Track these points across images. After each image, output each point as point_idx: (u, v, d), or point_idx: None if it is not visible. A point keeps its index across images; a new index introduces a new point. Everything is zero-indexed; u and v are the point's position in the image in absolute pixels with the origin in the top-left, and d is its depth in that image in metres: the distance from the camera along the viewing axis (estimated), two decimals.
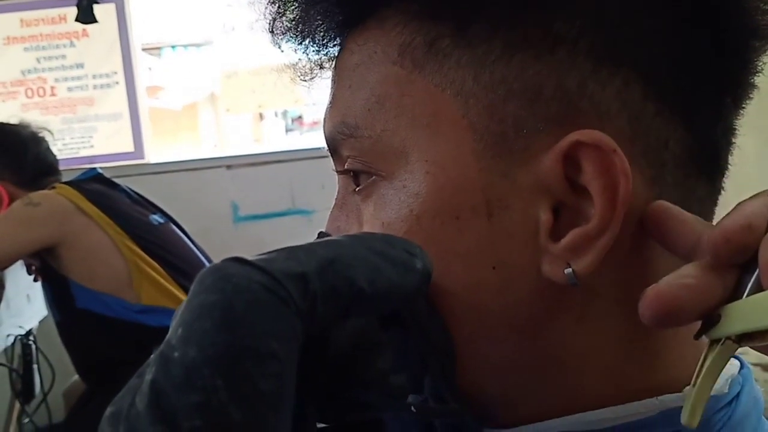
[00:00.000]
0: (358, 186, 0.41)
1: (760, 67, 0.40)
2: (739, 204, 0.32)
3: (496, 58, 0.37)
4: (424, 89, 0.38)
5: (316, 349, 0.32)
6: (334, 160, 0.44)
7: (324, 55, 0.46)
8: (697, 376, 0.31)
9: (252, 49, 3.05)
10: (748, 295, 0.30)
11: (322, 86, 0.46)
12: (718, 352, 0.30)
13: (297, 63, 0.47)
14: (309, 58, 0.46)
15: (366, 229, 0.40)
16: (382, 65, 0.40)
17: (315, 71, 0.46)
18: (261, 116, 3.97)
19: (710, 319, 0.30)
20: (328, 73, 0.46)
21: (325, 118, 0.43)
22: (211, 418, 0.25)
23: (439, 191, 0.37)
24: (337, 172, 0.44)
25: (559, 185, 0.36)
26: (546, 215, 0.36)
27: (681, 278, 0.30)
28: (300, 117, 4.18)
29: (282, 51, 0.46)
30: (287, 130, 4.19)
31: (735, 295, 0.30)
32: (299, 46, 0.46)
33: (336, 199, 0.45)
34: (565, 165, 0.35)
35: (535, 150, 0.36)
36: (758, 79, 0.41)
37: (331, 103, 0.43)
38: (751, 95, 0.41)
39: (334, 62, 0.44)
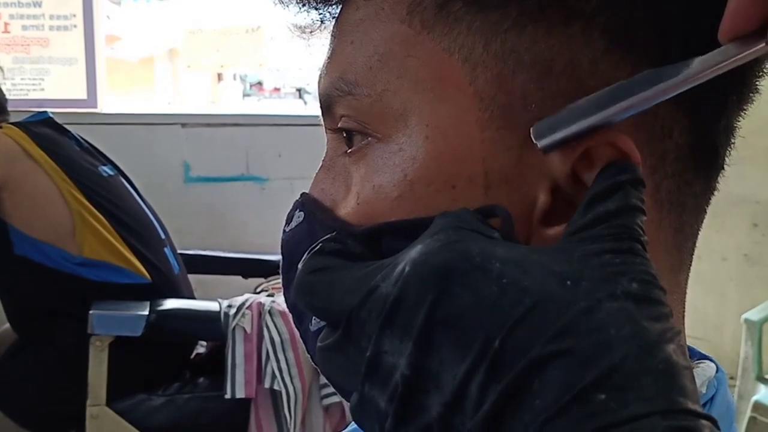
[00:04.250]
0: (350, 147, 0.39)
1: (766, 70, 0.40)
2: None
3: (508, 27, 0.35)
4: (431, 51, 0.36)
5: None
6: (325, 118, 0.42)
7: (325, 10, 0.43)
8: None
9: (217, 7, 2.98)
10: None
11: (290, 51, 0.43)
12: None
13: (297, 17, 0.45)
14: (309, 13, 0.44)
15: (354, 192, 0.38)
16: (388, 22, 0.38)
17: (315, 25, 0.44)
18: (219, 77, 3.89)
19: None
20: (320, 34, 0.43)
21: (321, 74, 0.41)
22: None
23: (437, 158, 0.36)
24: (327, 130, 0.42)
25: (563, 173, 0.34)
26: (545, 197, 0.35)
27: None
28: (260, 83, 4.11)
29: (286, 6, 0.44)
30: (245, 95, 4.12)
31: None
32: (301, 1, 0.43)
33: (323, 160, 0.43)
34: (576, 160, 0.34)
35: None
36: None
37: (329, 58, 0.41)
38: (753, 98, 0.41)
39: (335, 18, 0.42)
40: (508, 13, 0.35)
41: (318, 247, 0.35)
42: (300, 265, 0.35)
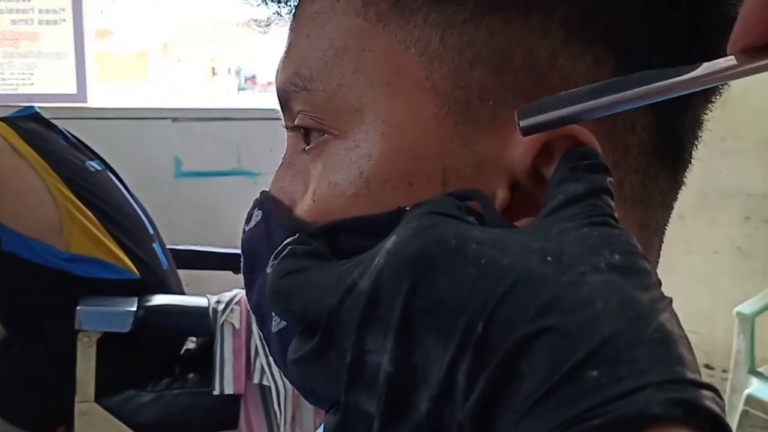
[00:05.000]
0: (308, 144, 0.38)
1: None
2: None
3: (465, 19, 0.34)
4: (386, 45, 0.36)
5: None
6: (284, 114, 0.41)
7: (284, 3, 0.42)
8: None
9: (210, 1, 2.97)
10: None
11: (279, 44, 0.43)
12: None
13: (255, 10, 0.44)
14: (268, 6, 0.43)
15: (311, 189, 0.37)
16: (344, 15, 0.37)
17: (272, 19, 0.43)
18: (213, 72, 3.88)
19: None
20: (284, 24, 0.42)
21: (278, 69, 0.40)
22: None
23: (393, 155, 0.35)
24: (286, 128, 0.41)
25: (522, 168, 0.34)
26: (503, 192, 0.34)
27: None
28: (254, 77, 4.09)
29: None
30: (240, 89, 4.11)
31: None
32: None
33: (283, 158, 0.42)
34: (537, 154, 0.33)
35: (499, 122, 0.34)
36: None
37: (286, 52, 0.40)
38: (721, 90, 0.40)
39: (293, 10, 0.41)
40: (465, 5, 0.35)
41: (288, 249, 0.34)
42: (270, 270, 0.34)
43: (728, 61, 0.29)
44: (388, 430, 0.27)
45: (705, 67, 0.30)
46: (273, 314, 0.38)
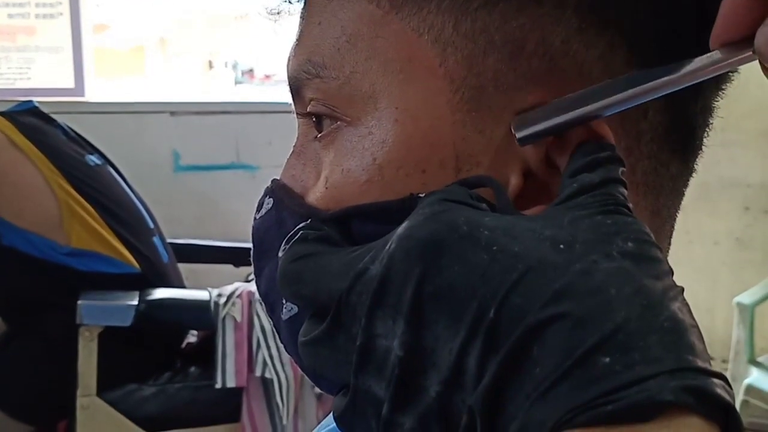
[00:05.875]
0: (320, 132, 0.38)
1: None
2: None
3: (478, 6, 0.34)
4: (400, 32, 0.35)
5: None
6: (295, 102, 0.41)
7: None
8: None
9: None
10: None
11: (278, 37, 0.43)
12: None
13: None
14: None
15: (324, 176, 0.37)
16: (356, 2, 0.37)
17: (282, 7, 0.43)
18: (210, 65, 3.87)
19: None
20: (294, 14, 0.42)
21: (289, 57, 0.40)
22: None
23: (407, 141, 0.35)
24: (297, 115, 0.41)
25: (535, 156, 0.34)
26: (517, 180, 0.34)
27: None
28: (251, 70, 4.09)
29: None
30: (237, 83, 4.10)
31: None
32: None
33: (294, 146, 0.42)
34: (551, 142, 0.33)
35: (513, 109, 0.34)
36: None
37: (297, 40, 0.40)
38: (732, 78, 0.40)
39: None
40: None
41: (300, 234, 0.34)
42: (281, 254, 0.34)
43: (710, 57, 0.30)
44: (397, 414, 0.27)
45: (688, 64, 0.31)
46: (283, 302, 0.38)
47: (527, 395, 0.24)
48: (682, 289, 0.26)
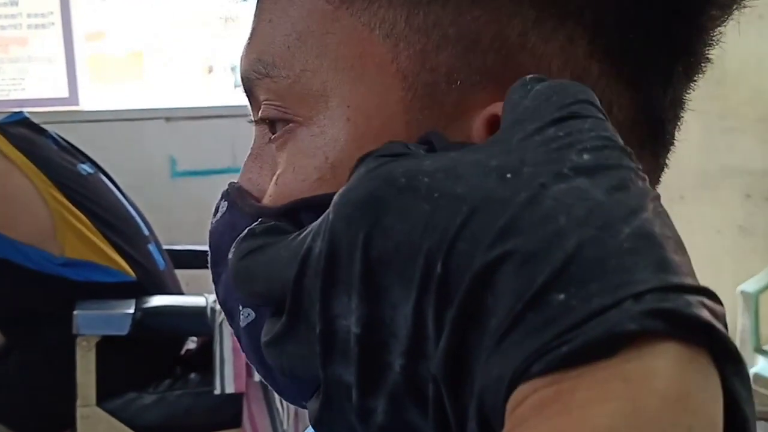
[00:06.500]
0: (273, 134, 0.37)
1: (716, 39, 0.38)
2: None
3: None
4: (350, 27, 0.34)
5: None
6: (250, 104, 0.39)
7: None
8: None
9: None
10: None
11: None
12: None
13: None
14: None
15: (278, 176, 0.36)
16: None
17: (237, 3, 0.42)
18: (210, 70, 3.87)
19: None
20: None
21: (241, 56, 0.39)
22: None
23: (359, 140, 0.33)
24: (252, 122, 0.40)
25: (484, 131, 0.32)
26: None
27: None
28: None
29: None
30: (236, 86, 4.10)
31: None
32: None
33: (251, 148, 0.40)
34: (489, 126, 0.32)
35: (468, 106, 0.33)
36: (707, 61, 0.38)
37: (249, 38, 0.38)
38: (704, 68, 0.39)
39: None
40: None
41: (248, 230, 0.31)
42: (230, 255, 0.33)
43: None
44: (367, 398, 0.25)
45: None
46: (240, 308, 0.36)
47: (487, 350, 0.22)
48: (655, 195, 0.24)
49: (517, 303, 0.21)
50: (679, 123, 0.38)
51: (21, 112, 1.88)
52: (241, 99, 0.39)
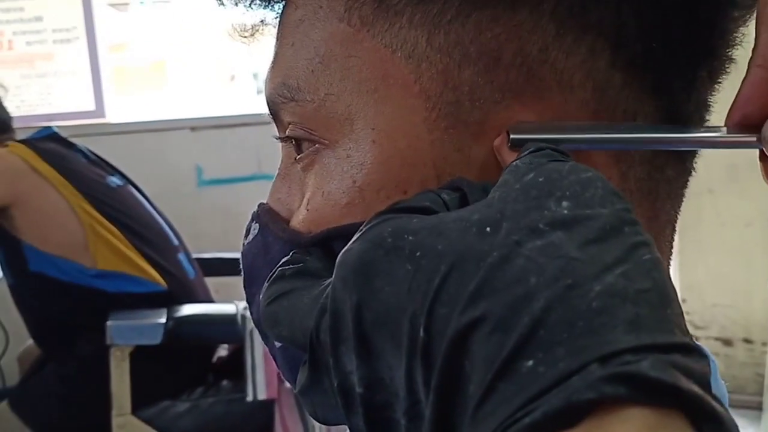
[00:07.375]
0: (299, 155, 0.37)
1: (738, 40, 0.37)
2: None
3: (451, 18, 0.33)
4: (372, 50, 0.34)
5: None
6: (276, 125, 0.40)
7: (269, 8, 0.41)
8: None
9: (221, 8, 2.97)
10: None
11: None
12: None
13: (239, 18, 0.43)
14: (253, 12, 0.42)
15: (306, 199, 0.36)
16: (327, 22, 0.36)
17: (256, 27, 0.42)
18: (233, 78, 3.90)
19: None
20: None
21: (266, 80, 0.39)
22: None
23: (385, 162, 0.34)
24: (278, 139, 0.40)
25: None
26: None
27: None
28: None
29: (223, 5, 0.42)
30: (258, 92, 4.13)
31: None
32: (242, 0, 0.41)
33: (279, 168, 0.41)
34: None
35: (491, 124, 0.33)
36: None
37: (273, 62, 0.39)
38: (728, 69, 0.38)
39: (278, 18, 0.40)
40: (450, 3, 0.33)
41: (278, 271, 0.32)
42: (261, 295, 0.33)
43: (718, 130, 0.33)
44: None
45: (695, 131, 0.34)
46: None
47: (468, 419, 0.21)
48: (643, 241, 0.22)
49: (488, 372, 0.21)
50: (704, 125, 0.38)
51: (50, 127, 1.91)
52: (264, 107, 0.40)
